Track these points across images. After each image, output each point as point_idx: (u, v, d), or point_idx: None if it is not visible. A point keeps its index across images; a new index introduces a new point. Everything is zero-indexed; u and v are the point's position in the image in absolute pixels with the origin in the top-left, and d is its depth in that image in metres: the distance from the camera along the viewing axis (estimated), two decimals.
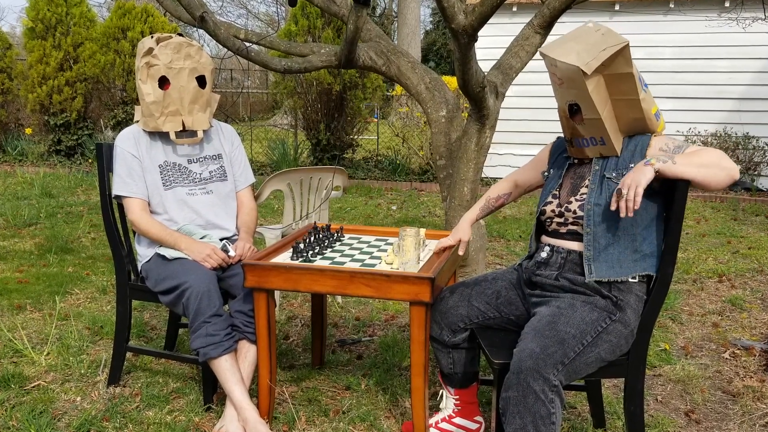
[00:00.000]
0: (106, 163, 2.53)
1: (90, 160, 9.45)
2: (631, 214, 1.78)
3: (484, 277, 2.23)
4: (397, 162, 8.89)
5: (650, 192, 1.90)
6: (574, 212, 1.97)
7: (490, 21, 2.45)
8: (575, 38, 1.90)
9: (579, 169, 2.07)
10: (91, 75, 9.44)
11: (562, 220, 2.02)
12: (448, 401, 2.31)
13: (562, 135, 2.20)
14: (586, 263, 1.92)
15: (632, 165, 1.92)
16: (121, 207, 2.56)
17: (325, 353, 2.91)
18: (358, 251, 2.42)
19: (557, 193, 2.06)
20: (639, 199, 1.75)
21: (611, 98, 1.93)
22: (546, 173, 2.19)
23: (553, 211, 2.04)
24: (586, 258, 1.92)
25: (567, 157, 2.12)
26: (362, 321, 3.47)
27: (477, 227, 3.11)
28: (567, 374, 1.79)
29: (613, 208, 1.82)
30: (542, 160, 2.25)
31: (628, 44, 1.84)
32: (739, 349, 3.11)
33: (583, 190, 1.99)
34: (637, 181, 1.77)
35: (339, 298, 3.77)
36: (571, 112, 2.00)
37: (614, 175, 1.94)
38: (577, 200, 1.98)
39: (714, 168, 1.79)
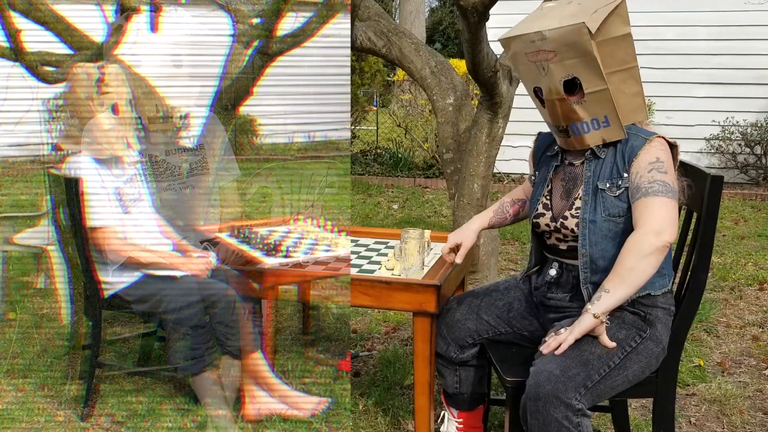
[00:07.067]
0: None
1: None
2: (546, 352, 1.81)
3: (495, 286, 2.22)
4: (399, 156, 8.89)
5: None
6: (572, 230, 1.92)
7: None
8: (551, 10, 1.81)
9: (569, 169, 2.00)
10: None
11: (560, 235, 1.98)
12: (450, 424, 2.30)
13: (543, 131, 2.14)
14: (584, 287, 1.90)
15: (625, 174, 1.85)
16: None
17: None
18: (356, 255, 2.43)
19: (548, 202, 2.01)
20: (566, 345, 1.79)
21: (606, 72, 1.81)
22: (533, 177, 2.13)
23: (547, 225, 1.99)
24: (582, 282, 1.91)
25: (552, 156, 2.06)
26: (360, 334, 3.47)
27: None
28: (590, 398, 1.78)
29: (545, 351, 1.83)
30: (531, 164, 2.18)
31: (624, 0, 1.75)
32: None
33: (578, 203, 1.93)
34: (572, 330, 1.80)
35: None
36: (569, 90, 1.87)
37: (608, 185, 1.87)
38: (573, 216, 1.93)
39: (637, 270, 1.76)
